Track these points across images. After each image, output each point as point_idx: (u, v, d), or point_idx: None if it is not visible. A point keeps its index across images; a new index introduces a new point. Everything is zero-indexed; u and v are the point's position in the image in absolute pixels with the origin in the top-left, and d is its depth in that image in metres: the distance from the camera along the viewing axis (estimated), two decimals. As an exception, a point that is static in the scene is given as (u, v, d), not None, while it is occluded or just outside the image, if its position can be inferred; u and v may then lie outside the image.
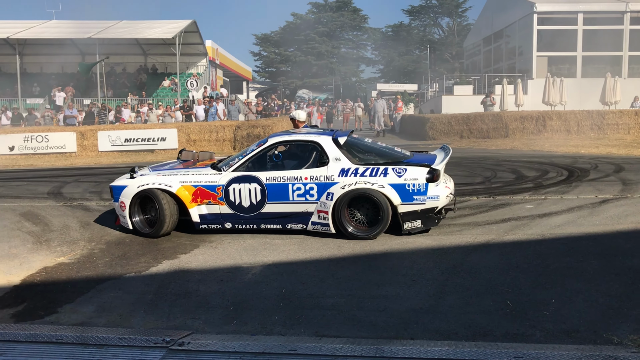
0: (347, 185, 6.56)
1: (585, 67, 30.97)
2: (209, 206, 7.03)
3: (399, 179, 6.55)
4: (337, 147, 6.89)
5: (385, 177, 6.57)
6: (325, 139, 7.02)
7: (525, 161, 13.58)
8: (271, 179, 6.83)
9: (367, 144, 7.61)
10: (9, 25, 31.06)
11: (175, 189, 7.00)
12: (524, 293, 4.63)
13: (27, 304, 4.81)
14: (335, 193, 6.57)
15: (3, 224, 7.88)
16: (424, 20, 69.20)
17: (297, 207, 6.82)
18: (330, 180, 6.68)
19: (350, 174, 6.66)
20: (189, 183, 7.05)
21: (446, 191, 6.68)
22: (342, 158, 6.81)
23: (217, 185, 6.97)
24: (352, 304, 4.51)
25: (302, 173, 6.82)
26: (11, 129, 21.22)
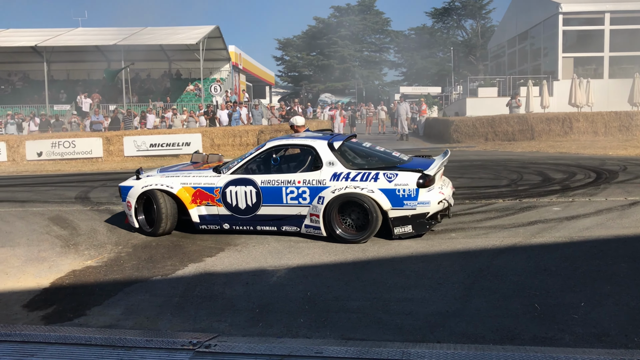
0: (338, 190, 6.62)
1: (612, 67, 30.46)
2: (207, 207, 7.26)
3: (389, 184, 6.54)
4: (331, 152, 6.96)
5: (375, 182, 6.58)
6: (320, 143, 7.08)
7: (552, 163, 13.40)
8: (266, 182, 7.00)
9: (365, 149, 7.60)
10: (37, 34, 31.69)
11: (175, 190, 7.27)
12: (553, 296, 4.56)
13: (57, 306, 4.88)
14: (326, 197, 6.65)
15: (32, 228, 8.02)
16: (448, 22, 68.75)
17: (290, 210, 6.94)
18: (322, 184, 6.76)
19: (341, 179, 6.72)
20: (189, 184, 7.32)
21: (439, 197, 6.58)
22: (336, 162, 6.87)
23: (215, 187, 7.19)
24: (377, 307, 4.49)
25: (296, 177, 6.94)
26: (39, 135, 21.63)
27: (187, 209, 7.27)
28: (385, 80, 71.04)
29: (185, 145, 19.66)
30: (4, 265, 6.14)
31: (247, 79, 43.34)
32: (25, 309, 4.85)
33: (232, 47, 36.85)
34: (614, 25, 29.92)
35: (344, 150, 7.14)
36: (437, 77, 64.84)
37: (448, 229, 6.97)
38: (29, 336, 4.07)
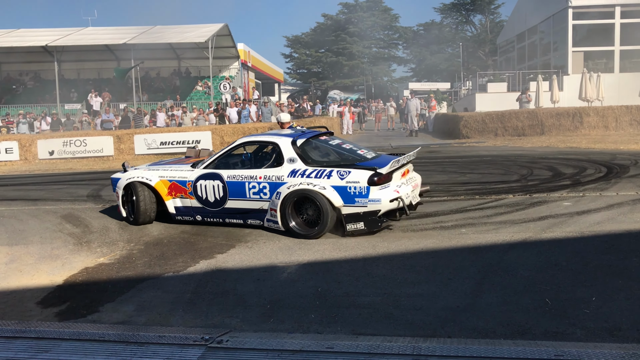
0: (293, 186, 6.86)
1: (623, 61, 30.21)
2: (182, 199, 7.77)
3: (341, 182, 6.69)
4: (292, 149, 7.19)
5: (328, 179, 6.75)
6: (284, 140, 7.35)
7: (562, 158, 13.33)
8: (232, 177, 7.37)
9: (331, 146, 7.68)
10: (47, 33, 31.91)
11: (154, 183, 7.85)
12: (564, 291, 4.55)
13: (70, 303, 4.94)
14: (282, 192, 6.90)
15: (45, 226, 8.10)
16: (456, 17, 68.39)
17: (253, 204, 7.26)
18: (281, 180, 7.03)
19: (298, 175, 6.96)
20: (166, 178, 7.87)
21: (392, 195, 6.62)
22: (296, 159, 7.11)
23: (187, 181, 7.68)
24: (388, 303, 4.51)
25: (259, 172, 7.26)
26: (50, 134, 21.78)
27: (164, 200, 7.80)
28: (394, 77, 70.81)
29: (195, 142, 19.73)
30: (18, 263, 6.21)
31: (256, 77, 43.39)
32: (40, 305, 4.91)
33: (241, 45, 36.90)
34: (625, 18, 29.67)
35: (307, 148, 7.34)
36: (446, 72, 64.61)
37: (458, 225, 6.97)
38: (44, 332, 4.13)
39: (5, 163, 19.46)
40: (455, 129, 22.79)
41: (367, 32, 67.10)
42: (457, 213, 7.66)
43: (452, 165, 13.32)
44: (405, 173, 7.21)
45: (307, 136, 7.58)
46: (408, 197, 6.95)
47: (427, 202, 8.55)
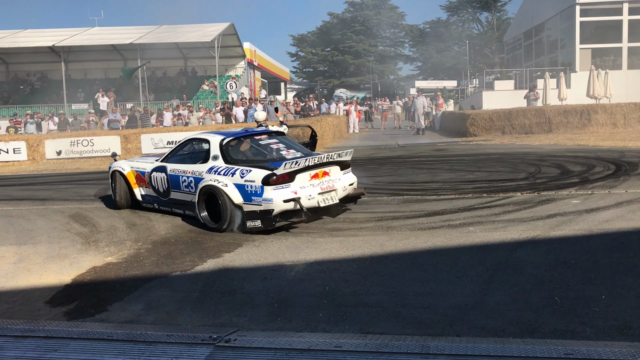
0: (204, 182, 7.41)
1: (631, 58, 30.04)
2: (145, 188, 8.81)
3: (241, 180, 7.08)
4: (219, 147, 7.69)
5: (231, 177, 7.18)
6: (215, 138, 7.91)
7: (570, 156, 13.26)
8: (173, 170, 8.15)
9: (261, 145, 8.05)
10: (54, 34, 32.07)
11: (125, 172, 8.97)
12: (573, 289, 4.53)
13: (78, 302, 4.95)
14: (198, 188, 7.50)
15: (53, 225, 8.13)
16: (463, 15, 68.25)
17: (186, 197, 7.93)
18: (201, 176, 7.61)
19: (212, 172, 7.45)
20: (134, 168, 8.94)
21: (287, 196, 6.82)
22: (219, 157, 7.63)
23: (146, 172, 8.65)
24: (396, 301, 4.49)
25: (189, 167, 7.94)
26: (58, 134, 21.88)
27: (132, 188, 8.94)
28: (400, 75, 70.82)
29: (202, 142, 19.77)
30: (27, 262, 6.24)
31: (262, 76, 43.42)
32: (48, 304, 4.92)
33: (247, 44, 36.93)
34: (633, 15, 29.49)
35: (232, 147, 7.80)
36: (452, 70, 64.47)
37: (466, 223, 6.95)
38: (52, 332, 4.14)
39: (13, 163, 19.55)
40: (462, 127, 22.71)
41: (374, 30, 67.07)
42: (465, 211, 7.63)
43: (459, 163, 13.27)
44: (321, 175, 7.28)
45: (240, 135, 8.12)
46: (312, 199, 7.04)
47: (435, 201, 8.54)
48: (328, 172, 7.41)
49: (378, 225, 7.12)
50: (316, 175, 7.25)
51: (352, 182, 7.80)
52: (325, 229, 7.06)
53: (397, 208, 8.14)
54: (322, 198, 7.18)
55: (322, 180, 7.29)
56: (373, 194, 9.42)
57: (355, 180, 7.92)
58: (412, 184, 10.42)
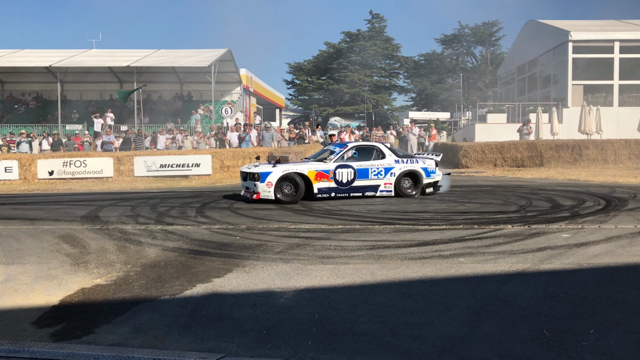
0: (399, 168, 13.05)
1: (622, 95, 30.51)
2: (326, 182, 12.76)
3: (424, 165, 13.23)
4: (387, 149, 13.40)
5: (417, 164, 13.21)
6: (380, 144, 13.83)
7: (561, 190, 13.37)
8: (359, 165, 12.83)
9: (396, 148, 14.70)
10: (52, 54, 32.25)
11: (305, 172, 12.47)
12: (562, 323, 4.53)
13: (65, 323, 4.90)
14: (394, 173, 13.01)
15: (42, 245, 8.08)
16: (457, 48, 69.21)
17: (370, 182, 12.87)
18: (390, 165, 12.99)
19: (399, 162, 13.06)
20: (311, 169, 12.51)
21: (442, 173, 13.61)
22: (392, 155, 13.22)
23: (330, 170, 12.53)
24: (385, 331, 4.48)
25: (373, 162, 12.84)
26: (51, 154, 21.86)
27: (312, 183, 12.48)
28: (394, 105, 71.34)
29: (195, 166, 19.80)
30: (14, 282, 6.18)
31: (258, 102, 43.70)
32: (34, 326, 4.87)
33: (244, 70, 37.23)
34: (624, 53, 30.05)
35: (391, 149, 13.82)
36: (446, 102, 65.03)
37: (457, 254, 6.96)
38: (38, 353, 4.09)
39: (4, 182, 19.48)
40: (454, 158, 22.89)
41: (369, 61, 67.75)
42: (456, 242, 7.66)
43: (451, 194, 13.34)
44: None
45: (382, 144, 14.36)
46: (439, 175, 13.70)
47: (426, 231, 8.56)
48: None
49: (369, 253, 7.12)
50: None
51: None
52: (316, 256, 7.06)
53: (389, 237, 8.16)
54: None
55: None
56: (365, 223, 9.44)
57: None
58: (404, 213, 10.46)
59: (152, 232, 9.01)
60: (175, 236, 8.61)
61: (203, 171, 19.72)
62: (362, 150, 13.05)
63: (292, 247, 7.61)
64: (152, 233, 8.90)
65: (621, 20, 34.52)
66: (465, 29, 66.41)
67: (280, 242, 7.93)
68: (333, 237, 8.20)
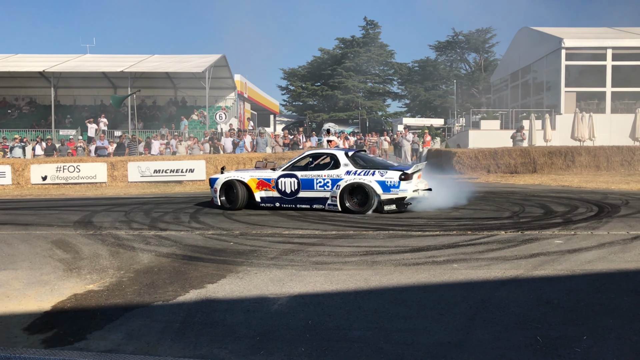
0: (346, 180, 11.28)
1: (614, 102, 30.71)
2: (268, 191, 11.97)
3: (381, 177, 11.10)
4: (346, 158, 11.72)
5: (372, 176, 11.08)
6: (340, 152, 11.96)
7: (554, 196, 13.42)
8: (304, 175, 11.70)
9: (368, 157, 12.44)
10: (45, 59, 32.18)
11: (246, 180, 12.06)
12: (555, 329, 4.54)
13: (57, 329, 4.87)
14: (340, 185, 11.29)
15: (35, 251, 8.04)
16: (451, 55, 69.57)
17: (317, 194, 11.54)
18: (339, 177, 11.38)
19: (350, 174, 11.36)
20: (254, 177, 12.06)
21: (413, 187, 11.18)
22: (349, 164, 11.43)
23: (272, 178, 11.86)
24: (379, 337, 4.48)
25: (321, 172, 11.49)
26: (44, 159, 21.77)
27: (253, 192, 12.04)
28: (388, 111, 71.53)
29: (189, 171, 19.76)
30: (6, 288, 6.14)
31: (252, 108, 43.71)
32: (26, 332, 4.84)
33: (238, 76, 37.26)
34: (616, 61, 30.25)
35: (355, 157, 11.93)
36: (440, 109, 65.34)
37: (450, 260, 6.97)
38: (29, 359, 4.06)
39: (-3, 187, 19.38)
40: (448, 164, 22.94)
41: (363, 67, 68.00)
42: (450, 248, 7.67)
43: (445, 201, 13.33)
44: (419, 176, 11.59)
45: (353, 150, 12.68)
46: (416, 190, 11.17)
47: (420, 237, 8.57)
48: (420, 174, 11.71)
49: (363, 259, 7.12)
50: (419, 176, 11.56)
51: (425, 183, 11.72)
52: (309, 261, 7.05)
53: (382, 243, 8.17)
54: (423, 191, 11.31)
55: (421, 179, 11.57)
56: (358, 229, 9.44)
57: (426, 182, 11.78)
58: (397, 219, 10.47)
59: (146, 237, 8.99)
60: (169, 242, 8.58)
61: (197, 177, 19.69)
62: (317, 158, 12.08)
63: (286, 252, 7.61)
64: (146, 238, 8.88)
65: (614, 28, 34.78)
66: (459, 36, 66.80)
67: (274, 248, 7.92)
68: (327, 243, 8.20)
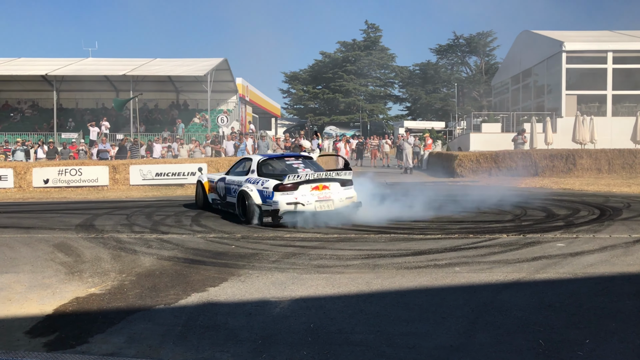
0: (241, 188, 10.75)
1: (615, 105, 30.67)
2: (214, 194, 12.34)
3: (261, 187, 10.33)
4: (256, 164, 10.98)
5: (256, 185, 10.41)
6: (256, 158, 11.20)
7: (556, 199, 13.41)
8: (228, 181, 11.56)
9: (285, 164, 10.95)
10: (47, 63, 32.22)
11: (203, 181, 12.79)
12: (557, 332, 4.54)
13: (59, 333, 4.87)
14: (237, 192, 10.84)
15: (37, 254, 8.04)
16: (452, 58, 69.61)
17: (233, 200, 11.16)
18: (240, 184, 10.96)
19: (248, 182, 10.73)
20: (209, 179, 12.68)
21: (289, 200, 9.82)
22: (255, 171, 10.76)
23: (214, 181, 12.22)
24: (381, 340, 4.47)
25: (237, 179, 11.20)
26: (46, 163, 21.77)
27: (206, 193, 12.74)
28: (389, 114, 71.55)
29: (191, 174, 19.76)
30: (8, 291, 6.15)
31: (254, 111, 43.75)
32: (28, 335, 4.84)
33: (240, 80, 37.31)
34: (617, 64, 30.23)
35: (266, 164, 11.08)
36: (441, 112, 65.36)
37: (452, 263, 6.97)
38: (31, 363, 4.06)
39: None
40: (449, 167, 22.93)
41: (364, 70, 68.08)
42: (451, 251, 7.66)
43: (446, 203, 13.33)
44: (321, 188, 9.92)
45: (273, 156, 11.35)
46: (310, 204, 9.80)
47: (422, 240, 8.56)
48: (328, 186, 9.98)
49: (365, 263, 7.12)
50: (317, 188, 9.89)
51: (350, 196, 10.17)
52: (311, 265, 7.05)
53: (384, 246, 8.16)
54: (319, 205, 9.81)
55: (321, 192, 9.87)
56: (360, 232, 9.44)
57: (354, 194, 10.28)
58: (398, 222, 10.46)
59: (148, 241, 8.99)
60: (171, 245, 8.59)
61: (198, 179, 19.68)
62: (244, 163, 11.72)
63: (288, 256, 7.60)
64: (147, 242, 8.88)
65: (614, 31, 34.77)
66: (460, 39, 66.83)
67: (275, 251, 7.92)
68: (328, 246, 8.20)
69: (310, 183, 9.80)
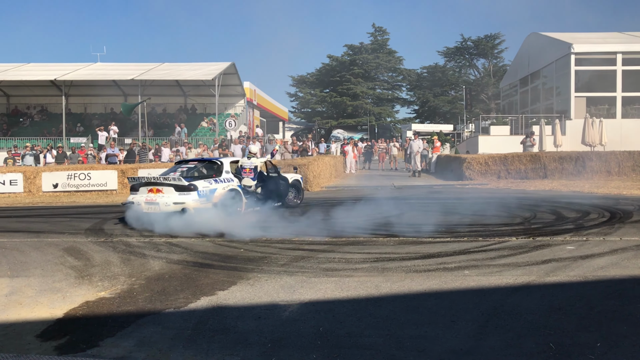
0: None
1: (625, 107, 30.51)
2: None
3: None
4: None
5: None
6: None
7: (565, 202, 13.34)
8: None
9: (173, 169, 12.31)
10: (56, 68, 32.44)
11: None
12: (568, 336, 4.51)
13: (70, 337, 4.89)
14: None
15: (47, 258, 8.08)
16: (460, 61, 69.43)
17: None
18: None
19: None
20: None
21: (128, 199, 11.06)
22: None
23: None
24: (390, 344, 4.46)
25: None
26: (55, 167, 21.90)
27: None
28: (397, 117, 71.41)
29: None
30: (19, 295, 6.18)
31: (261, 115, 43.82)
32: (39, 339, 4.87)
33: (247, 84, 37.39)
34: (626, 65, 30.08)
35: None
36: (449, 115, 65.22)
37: (461, 266, 6.94)
38: (42, 366, 4.08)
39: (9, 195, 19.53)
40: (458, 170, 22.87)
41: (372, 73, 68.01)
42: (461, 254, 7.64)
43: (455, 206, 13.31)
44: (155, 191, 10.78)
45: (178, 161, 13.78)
46: (139, 205, 10.72)
47: (431, 243, 8.54)
48: (161, 190, 10.78)
49: (374, 266, 7.11)
50: (151, 190, 10.83)
51: (180, 202, 10.64)
52: (320, 268, 7.05)
53: (393, 249, 8.15)
54: (147, 207, 10.65)
55: (155, 195, 10.76)
56: (369, 235, 9.43)
57: (186, 201, 10.64)
58: (407, 225, 10.44)
59: (156, 244, 9.02)
60: (180, 249, 8.61)
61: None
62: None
63: (296, 259, 7.61)
64: (156, 245, 8.91)
65: (623, 33, 34.60)
66: (468, 42, 66.65)
67: (284, 255, 7.93)
68: (337, 250, 8.19)
69: (149, 185, 10.84)
